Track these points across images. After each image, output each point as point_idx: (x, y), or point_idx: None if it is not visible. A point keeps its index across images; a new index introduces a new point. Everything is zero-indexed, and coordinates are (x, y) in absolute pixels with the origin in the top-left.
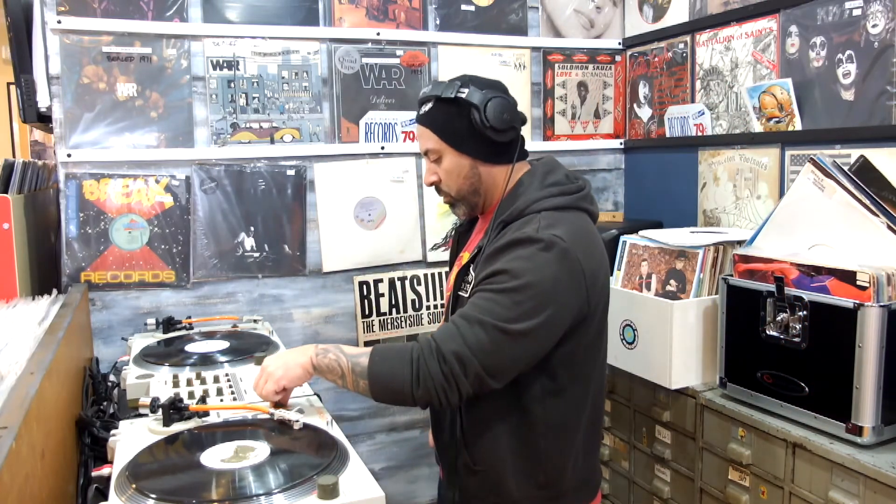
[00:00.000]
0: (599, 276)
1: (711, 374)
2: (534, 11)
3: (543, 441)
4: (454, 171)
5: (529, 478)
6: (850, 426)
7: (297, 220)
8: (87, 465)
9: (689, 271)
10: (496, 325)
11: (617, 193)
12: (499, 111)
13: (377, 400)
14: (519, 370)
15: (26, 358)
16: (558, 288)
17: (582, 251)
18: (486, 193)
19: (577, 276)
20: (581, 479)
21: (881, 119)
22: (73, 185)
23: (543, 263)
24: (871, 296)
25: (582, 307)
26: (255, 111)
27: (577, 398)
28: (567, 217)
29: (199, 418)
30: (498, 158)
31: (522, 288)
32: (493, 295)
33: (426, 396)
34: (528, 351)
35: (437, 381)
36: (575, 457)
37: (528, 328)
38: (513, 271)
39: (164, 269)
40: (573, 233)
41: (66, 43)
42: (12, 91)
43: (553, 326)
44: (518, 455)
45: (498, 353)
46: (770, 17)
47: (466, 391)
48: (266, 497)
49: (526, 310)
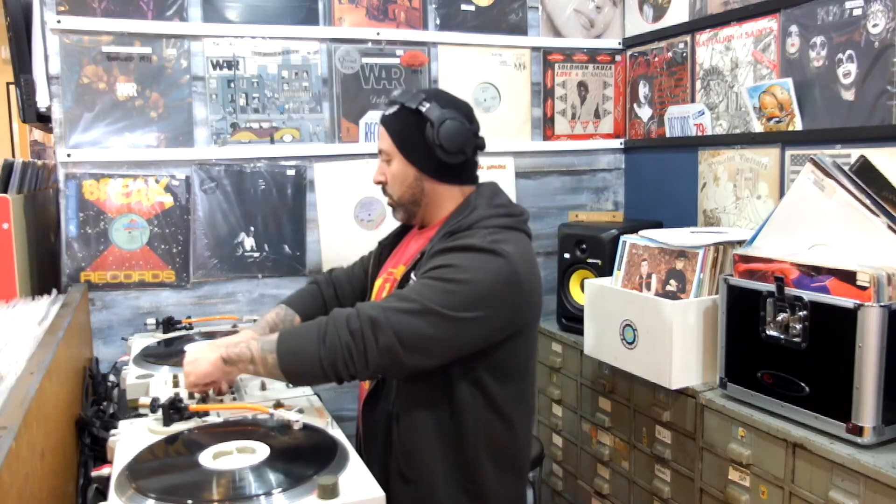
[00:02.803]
0: (534, 296)
1: (711, 374)
2: (534, 11)
3: (475, 453)
4: (399, 177)
5: (461, 489)
6: (850, 426)
7: (297, 220)
8: (87, 465)
9: (690, 271)
10: (423, 303)
11: (617, 193)
12: (451, 132)
13: (288, 377)
14: (434, 357)
15: (26, 358)
16: (494, 294)
17: (522, 267)
18: (427, 207)
19: (515, 290)
20: (512, 492)
21: (881, 119)
22: (72, 185)
23: (485, 268)
24: (872, 296)
25: (513, 321)
26: (255, 111)
27: (510, 413)
28: (511, 235)
29: (199, 418)
30: (443, 177)
31: (460, 282)
32: (429, 281)
33: (331, 356)
34: (446, 337)
35: (344, 339)
36: (506, 470)
37: (452, 315)
38: (455, 266)
39: (164, 269)
40: (516, 250)
41: (66, 43)
42: (12, 91)
43: (477, 328)
44: (451, 465)
45: (416, 327)
46: (770, 16)
47: (375, 360)
48: (266, 497)
49: (456, 301)
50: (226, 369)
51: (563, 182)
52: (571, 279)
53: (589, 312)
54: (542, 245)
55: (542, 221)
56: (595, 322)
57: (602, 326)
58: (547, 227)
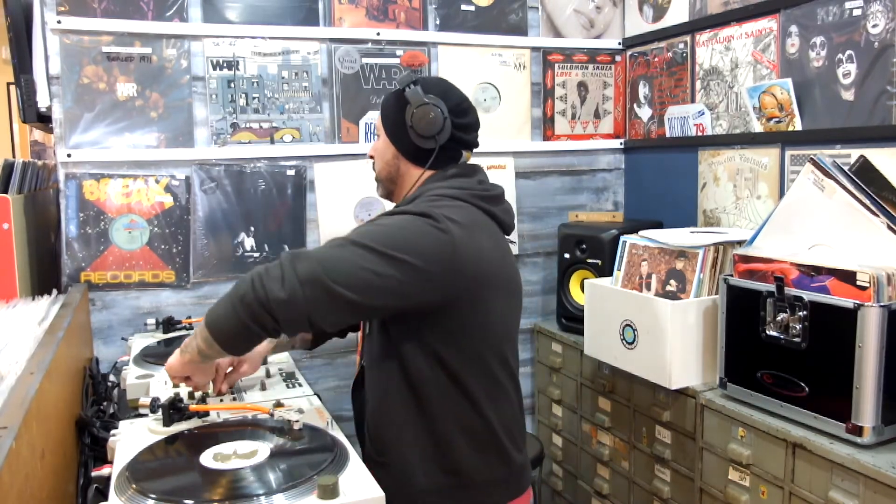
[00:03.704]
0: (478, 264)
1: (711, 374)
2: (534, 11)
3: (447, 436)
4: (381, 153)
5: (435, 465)
6: (850, 426)
7: (297, 220)
8: (87, 465)
9: (689, 271)
10: (346, 238)
11: (617, 193)
12: (423, 117)
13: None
14: (362, 292)
15: (26, 358)
16: (422, 245)
17: (458, 231)
18: (400, 188)
19: (446, 249)
20: (499, 472)
21: (881, 119)
22: (73, 185)
23: (413, 223)
24: (871, 296)
25: (447, 282)
26: (255, 111)
27: (476, 394)
28: (457, 205)
29: (199, 418)
30: (416, 160)
31: (385, 226)
32: (355, 230)
33: (241, 289)
34: (373, 269)
35: (257, 271)
36: (485, 452)
37: (378, 248)
38: (382, 221)
39: (164, 269)
40: (454, 214)
41: (66, 43)
42: (12, 91)
43: (405, 272)
44: (425, 450)
45: (341, 256)
46: (770, 17)
47: (294, 289)
48: (266, 497)
49: (381, 239)
50: (182, 359)
51: (563, 182)
52: (571, 279)
53: (589, 312)
54: (542, 245)
55: (542, 221)
56: (595, 322)
57: (602, 326)
58: (547, 227)
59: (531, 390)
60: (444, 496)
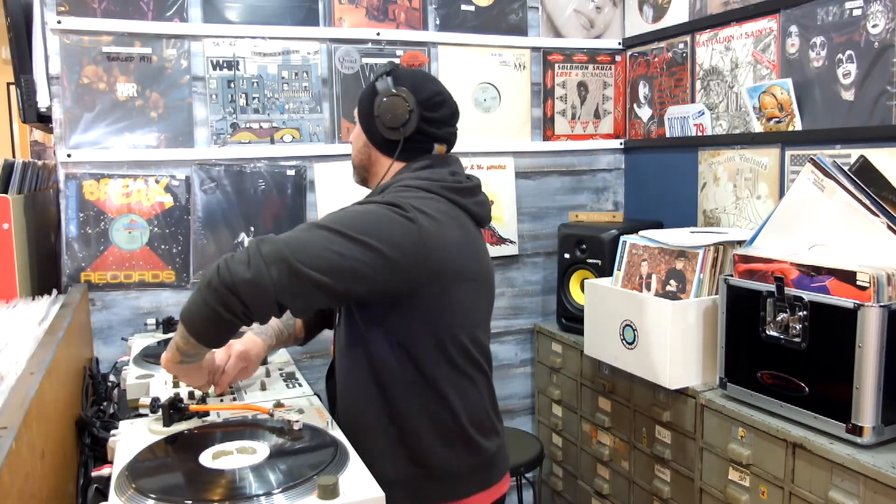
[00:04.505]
0: (443, 258)
1: (711, 374)
2: (534, 11)
3: (415, 428)
4: (355, 140)
5: (404, 456)
6: (850, 426)
7: (297, 221)
8: (87, 465)
9: (690, 271)
10: (313, 222)
11: (617, 193)
12: (387, 108)
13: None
14: (328, 273)
15: (26, 358)
16: (385, 232)
17: (427, 224)
18: (371, 174)
19: (411, 238)
20: (468, 463)
21: (881, 119)
22: (73, 185)
23: (378, 211)
24: (871, 296)
25: (411, 271)
26: (255, 111)
27: (443, 386)
28: (426, 196)
29: (199, 418)
30: (384, 149)
31: (350, 212)
32: (323, 217)
33: (208, 276)
34: (338, 250)
35: (225, 256)
36: (452, 438)
37: (343, 231)
38: (350, 208)
39: (164, 269)
40: (424, 207)
41: (66, 43)
42: (12, 91)
43: (370, 255)
44: (393, 442)
45: (307, 237)
46: (770, 17)
47: (260, 270)
48: (266, 497)
49: (347, 221)
50: (167, 358)
51: (563, 182)
52: (571, 279)
53: (589, 312)
54: (542, 245)
55: (542, 221)
56: (595, 322)
57: (602, 326)
58: (547, 227)
59: (531, 390)
60: (413, 487)
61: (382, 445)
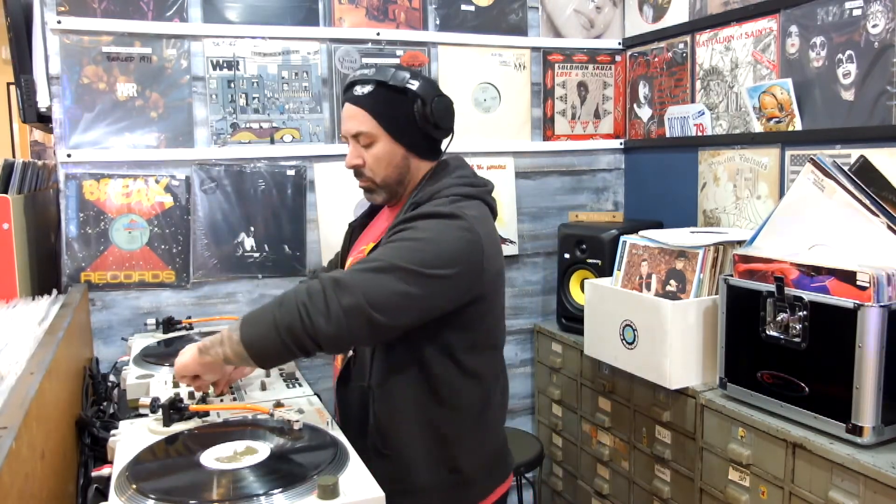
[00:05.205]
0: (496, 262)
1: (711, 374)
2: (534, 11)
3: (453, 424)
4: (385, 158)
5: (439, 462)
6: (850, 426)
7: (297, 220)
8: (87, 465)
9: (689, 271)
10: (389, 261)
11: (617, 193)
12: (444, 109)
13: (251, 352)
14: (404, 317)
15: (26, 358)
16: (458, 253)
17: (483, 231)
18: (404, 188)
19: (477, 252)
20: (491, 462)
21: (881, 119)
22: (73, 185)
23: (447, 230)
24: (871, 296)
25: (475, 283)
26: (255, 111)
27: (484, 381)
28: (473, 203)
29: (199, 418)
30: (427, 153)
31: (424, 241)
32: (393, 244)
33: (287, 319)
34: (415, 294)
35: (301, 300)
36: (484, 439)
37: (420, 271)
38: (417, 227)
39: (164, 269)
40: (478, 216)
41: (66, 43)
42: (12, 91)
43: (444, 286)
44: (429, 440)
45: (384, 284)
46: (770, 17)
47: (339, 321)
48: (266, 497)
49: (423, 257)
50: (200, 359)
51: (563, 182)
52: (571, 279)
53: (589, 312)
54: (542, 245)
55: (542, 221)
56: (595, 322)
57: (602, 326)
58: (547, 227)
59: (531, 390)
60: (443, 493)
61: (421, 451)
